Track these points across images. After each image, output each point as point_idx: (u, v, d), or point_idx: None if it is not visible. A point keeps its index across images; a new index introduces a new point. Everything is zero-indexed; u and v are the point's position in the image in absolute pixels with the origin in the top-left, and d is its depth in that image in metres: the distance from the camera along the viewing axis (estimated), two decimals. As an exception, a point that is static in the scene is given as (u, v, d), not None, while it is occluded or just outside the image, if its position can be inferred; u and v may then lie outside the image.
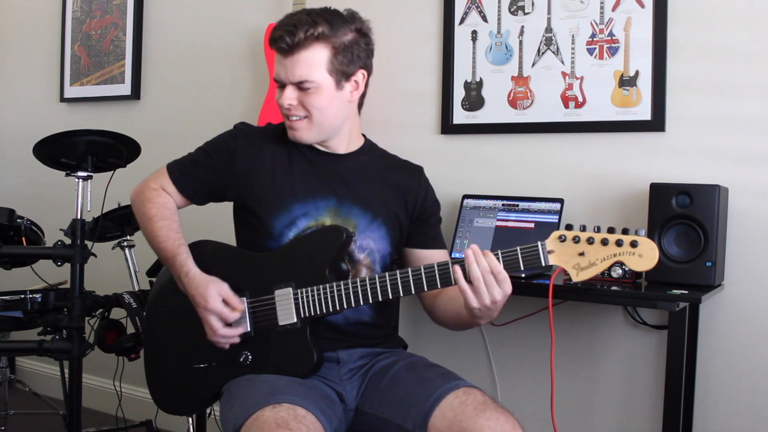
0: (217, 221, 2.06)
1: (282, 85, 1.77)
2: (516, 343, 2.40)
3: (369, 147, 1.92)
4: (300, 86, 1.74)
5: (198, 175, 1.85)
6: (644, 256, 1.49)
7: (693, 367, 2.11)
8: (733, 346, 2.09)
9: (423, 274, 1.63)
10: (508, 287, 1.56)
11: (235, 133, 1.85)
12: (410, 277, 1.64)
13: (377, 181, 1.86)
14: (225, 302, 1.69)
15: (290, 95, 1.75)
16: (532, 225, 2.21)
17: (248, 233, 1.84)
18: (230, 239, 1.89)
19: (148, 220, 1.83)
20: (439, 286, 1.62)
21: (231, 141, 1.84)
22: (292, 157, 1.83)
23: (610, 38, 2.24)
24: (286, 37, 1.71)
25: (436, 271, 1.62)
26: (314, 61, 1.73)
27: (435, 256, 1.87)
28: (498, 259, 1.56)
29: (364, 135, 1.93)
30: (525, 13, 2.37)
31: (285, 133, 1.86)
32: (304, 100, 1.75)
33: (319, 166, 1.83)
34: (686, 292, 1.81)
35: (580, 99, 2.29)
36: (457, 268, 1.58)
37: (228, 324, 1.71)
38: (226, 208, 1.91)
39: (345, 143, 1.86)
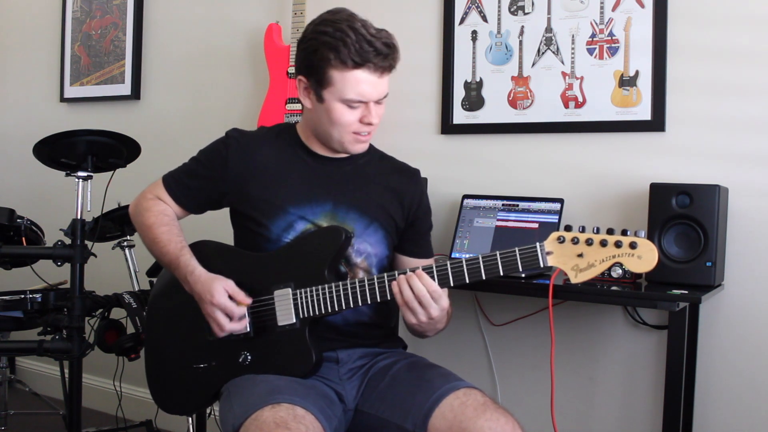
0: (217, 225, 2.06)
1: (356, 104, 1.71)
2: (516, 343, 2.40)
3: (367, 149, 1.91)
4: (379, 101, 1.74)
5: (193, 185, 1.85)
6: (643, 258, 1.48)
7: (693, 367, 2.11)
8: (733, 346, 2.09)
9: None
10: (445, 303, 1.63)
11: (227, 140, 1.84)
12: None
13: (374, 185, 1.86)
14: (231, 297, 1.69)
15: (378, 111, 1.74)
16: (536, 225, 2.21)
17: (247, 238, 1.83)
18: (229, 243, 1.89)
19: (147, 228, 1.83)
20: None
21: (223, 149, 1.82)
22: (288, 161, 1.83)
23: (610, 38, 2.24)
24: (392, 60, 1.70)
25: (435, 272, 1.62)
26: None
27: (418, 264, 1.86)
28: (433, 276, 1.60)
29: None
30: (525, 13, 2.37)
31: (279, 135, 1.86)
32: (379, 112, 1.75)
33: (316, 170, 1.82)
34: (686, 292, 1.81)
35: (580, 99, 2.29)
36: (395, 286, 1.62)
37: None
38: (225, 213, 1.90)
39: None
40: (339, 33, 1.65)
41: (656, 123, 2.17)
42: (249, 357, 1.72)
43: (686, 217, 1.94)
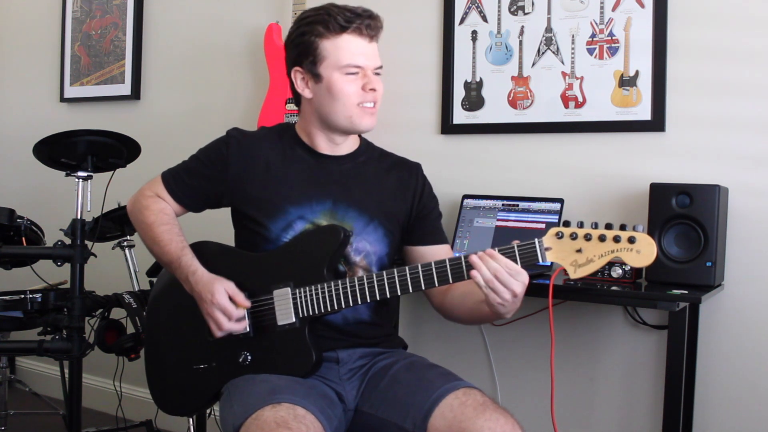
0: (217, 225, 2.06)
1: (354, 72, 1.73)
2: (516, 343, 2.40)
3: (365, 147, 1.91)
4: (376, 72, 1.77)
5: (192, 184, 1.85)
6: (642, 252, 1.48)
7: (693, 367, 2.11)
8: (733, 346, 2.09)
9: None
10: (525, 277, 1.57)
11: (228, 140, 1.84)
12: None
13: (374, 183, 1.86)
14: (231, 299, 1.69)
15: (379, 80, 1.77)
16: (542, 226, 2.20)
17: (247, 237, 1.83)
18: (230, 243, 1.88)
19: (147, 226, 1.83)
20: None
21: (224, 148, 1.83)
22: (288, 160, 1.82)
23: (610, 38, 2.24)
24: (374, 24, 1.74)
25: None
26: (378, 48, 1.79)
27: (436, 251, 1.86)
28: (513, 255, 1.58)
29: (359, 135, 1.92)
30: (525, 13, 2.37)
31: (280, 135, 1.86)
32: (378, 85, 1.77)
33: (315, 169, 1.82)
34: (686, 292, 1.81)
35: (580, 99, 2.29)
36: (475, 273, 1.57)
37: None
38: (225, 213, 1.91)
39: (349, 143, 1.86)
40: (321, 10, 1.75)
41: (656, 123, 2.17)
42: (249, 357, 1.72)
43: (686, 217, 1.94)
